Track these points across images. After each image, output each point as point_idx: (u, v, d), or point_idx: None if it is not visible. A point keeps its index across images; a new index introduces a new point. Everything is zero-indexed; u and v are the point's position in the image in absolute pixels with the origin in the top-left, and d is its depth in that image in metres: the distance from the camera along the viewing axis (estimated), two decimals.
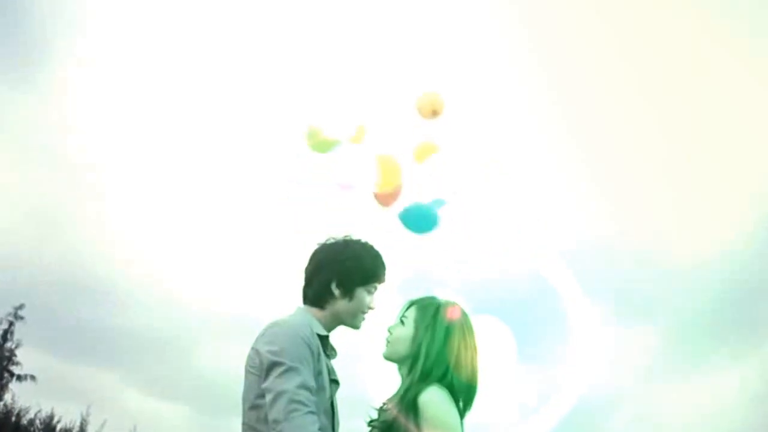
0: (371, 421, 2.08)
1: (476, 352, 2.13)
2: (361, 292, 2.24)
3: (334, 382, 2.19)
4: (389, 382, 2.15)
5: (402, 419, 1.94)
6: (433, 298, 2.21)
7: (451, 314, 2.14)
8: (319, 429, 1.93)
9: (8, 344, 17.06)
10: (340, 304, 2.23)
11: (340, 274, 2.23)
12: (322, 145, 4.01)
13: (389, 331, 2.21)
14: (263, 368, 2.00)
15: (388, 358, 2.19)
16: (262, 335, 2.10)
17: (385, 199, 4.04)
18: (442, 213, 4.05)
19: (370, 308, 2.27)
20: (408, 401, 1.96)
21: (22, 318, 17.25)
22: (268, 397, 1.94)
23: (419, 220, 4.00)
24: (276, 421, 1.89)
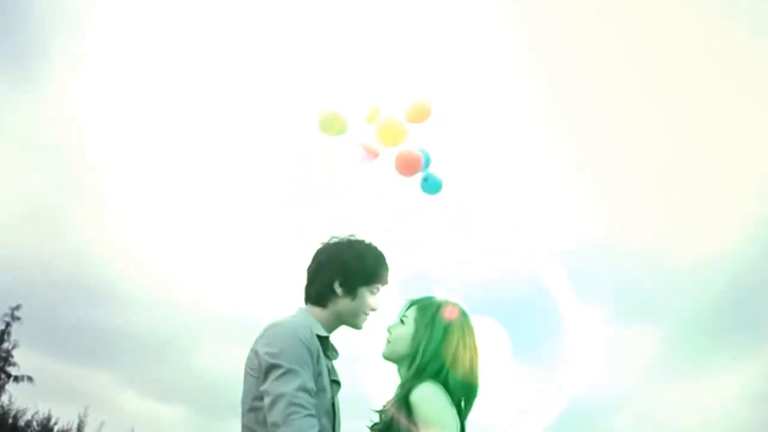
0: (373, 426, 2.07)
1: (476, 353, 2.12)
2: (363, 292, 2.23)
3: (335, 383, 2.18)
4: (390, 382, 2.15)
5: (398, 416, 1.93)
6: (433, 298, 2.21)
7: (450, 314, 2.13)
8: (319, 431, 1.91)
9: (5, 345, 17.03)
10: (343, 303, 2.21)
11: (343, 273, 2.22)
12: (335, 128, 4.02)
13: (389, 330, 2.20)
14: (262, 370, 1.98)
15: (387, 357, 2.18)
16: (261, 336, 2.08)
17: (403, 166, 4.06)
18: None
19: (372, 309, 2.26)
20: (401, 397, 1.96)
21: (18, 318, 17.23)
22: (267, 400, 1.92)
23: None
24: (275, 424, 1.88)
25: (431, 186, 4.18)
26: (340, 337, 2.29)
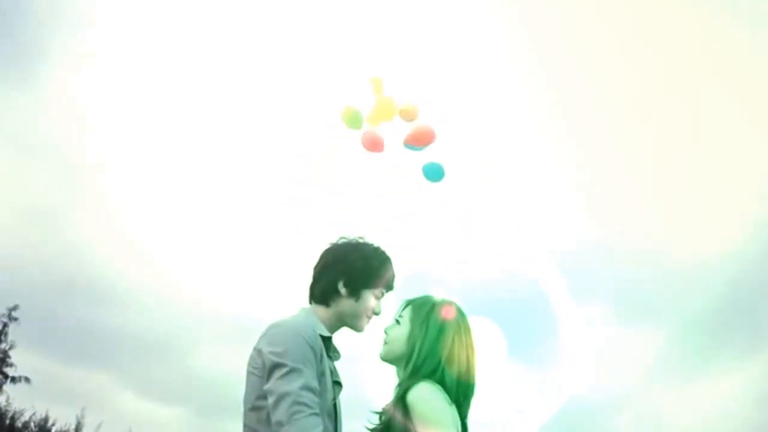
0: (373, 428, 2.06)
1: (472, 351, 2.12)
2: (367, 294, 2.23)
3: (337, 384, 2.18)
4: (390, 384, 2.15)
5: (395, 416, 1.93)
6: (428, 298, 2.20)
7: (446, 313, 2.13)
8: (323, 431, 1.91)
9: (2, 346, 16.92)
10: (346, 304, 2.22)
11: (348, 274, 2.22)
12: (349, 120, 4.05)
13: (386, 332, 2.20)
14: (265, 369, 1.99)
15: (384, 358, 2.18)
16: (264, 335, 2.08)
17: (415, 137, 4.05)
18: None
19: (375, 312, 2.26)
20: (398, 397, 1.96)
21: (16, 319, 17.10)
22: (271, 399, 1.93)
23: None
24: (279, 423, 1.88)
25: (434, 171, 4.13)
26: (340, 337, 2.29)
